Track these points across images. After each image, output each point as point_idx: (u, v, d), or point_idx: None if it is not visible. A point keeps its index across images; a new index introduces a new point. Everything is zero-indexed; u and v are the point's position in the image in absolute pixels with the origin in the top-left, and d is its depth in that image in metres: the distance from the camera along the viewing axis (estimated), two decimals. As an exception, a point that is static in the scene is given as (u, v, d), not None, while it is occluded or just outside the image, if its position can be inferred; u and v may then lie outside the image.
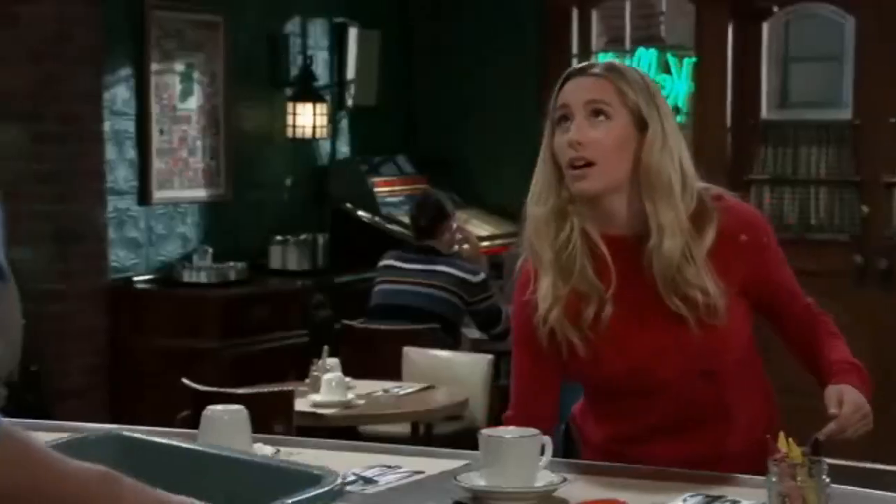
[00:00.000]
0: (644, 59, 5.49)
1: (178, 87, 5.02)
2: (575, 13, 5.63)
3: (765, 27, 5.34)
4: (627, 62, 5.44)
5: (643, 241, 1.82)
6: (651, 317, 1.82)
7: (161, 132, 4.95)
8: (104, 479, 1.09)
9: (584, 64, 1.90)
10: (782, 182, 5.32)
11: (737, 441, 1.86)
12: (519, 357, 1.92)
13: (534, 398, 1.89)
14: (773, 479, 1.43)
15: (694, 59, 5.44)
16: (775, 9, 5.32)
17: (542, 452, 1.66)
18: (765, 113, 5.36)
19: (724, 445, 1.86)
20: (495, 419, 3.64)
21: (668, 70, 5.49)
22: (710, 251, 1.81)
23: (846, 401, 1.74)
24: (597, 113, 1.81)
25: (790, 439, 1.47)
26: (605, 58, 5.44)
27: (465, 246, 4.54)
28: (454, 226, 4.49)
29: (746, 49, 5.31)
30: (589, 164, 1.80)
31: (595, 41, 5.66)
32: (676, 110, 5.43)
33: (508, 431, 1.67)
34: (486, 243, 5.05)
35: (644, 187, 1.81)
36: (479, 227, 5.33)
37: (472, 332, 4.53)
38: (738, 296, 1.83)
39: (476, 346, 4.47)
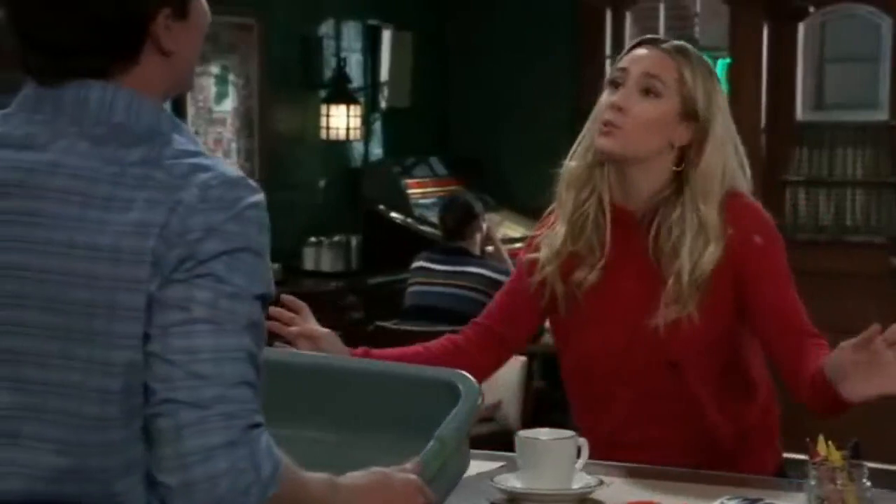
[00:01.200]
0: (678, 61, 5.47)
1: (214, 90, 5.05)
2: (608, 14, 5.61)
3: (800, 28, 5.30)
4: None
5: (650, 221, 1.83)
6: (630, 299, 1.83)
7: (197, 133, 4.97)
8: (332, 486, 1.18)
9: (658, 36, 1.91)
10: (818, 183, 5.28)
11: (708, 438, 1.83)
12: (508, 283, 1.99)
13: (501, 318, 1.93)
14: (813, 483, 1.42)
15: (728, 61, 5.40)
16: (811, 9, 5.28)
17: (579, 455, 1.65)
18: (800, 114, 5.32)
19: (695, 443, 1.83)
20: (529, 421, 3.63)
21: (702, 71, 5.47)
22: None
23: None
24: (648, 91, 1.82)
25: (830, 442, 1.46)
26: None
27: (489, 248, 4.54)
28: (485, 226, 4.49)
29: (782, 50, 5.27)
30: (617, 127, 1.81)
31: (628, 42, 5.63)
32: (710, 112, 5.40)
33: (544, 433, 1.67)
34: (518, 245, 5.04)
35: (693, 183, 1.81)
36: (511, 229, 5.32)
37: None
38: (727, 299, 1.80)
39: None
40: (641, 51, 1.86)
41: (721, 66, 5.43)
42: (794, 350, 1.76)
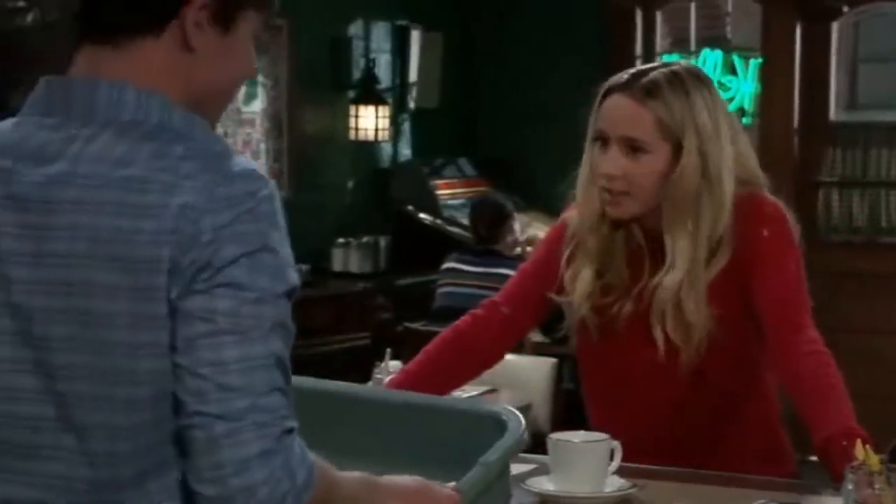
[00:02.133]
0: (709, 61, 5.44)
1: (243, 91, 5.06)
2: (639, 14, 5.59)
3: (834, 27, 5.26)
4: (692, 63, 5.39)
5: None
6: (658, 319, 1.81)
7: (226, 135, 5.00)
8: (367, 485, 1.19)
9: (625, 76, 1.81)
10: (851, 184, 5.24)
11: (726, 444, 1.82)
12: (530, 266, 1.97)
13: (522, 297, 1.92)
14: (850, 487, 1.41)
15: (760, 60, 5.37)
16: (845, 8, 5.23)
17: (612, 457, 1.65)
18: (833, 115, 5.28)
19: (712, 449, 1.82)
20: (559, 423, 3.62)
21: (733, 71, 5.43)
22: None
23: None
24: (635, 149, 1.78)
25: (867, 446, 1.45)
26: (669, 59, 5.39)
27: (529, 248, 4.52)
28: (516, 227, 4.48)
29: (814, 50, 5.23)
30: (623, 193, 1.79)
31: (659, 42, 5.61)
32: (742, 112, 5.37)
33: (577, 436, 1.66)
34: (546, 234, 5.03)
35: (666, 208, 1.78)
36: (540, 230, 5.31)
37: (535, 335, 4.52)
38: (743, 300, 1.78)
39: (538, 350, 4.45)
40: (613, 103, 1.79)
41: (753, 66, 5.40)
42: (793, 354, 1.74)
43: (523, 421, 1.38)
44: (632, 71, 1.83)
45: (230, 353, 1.07)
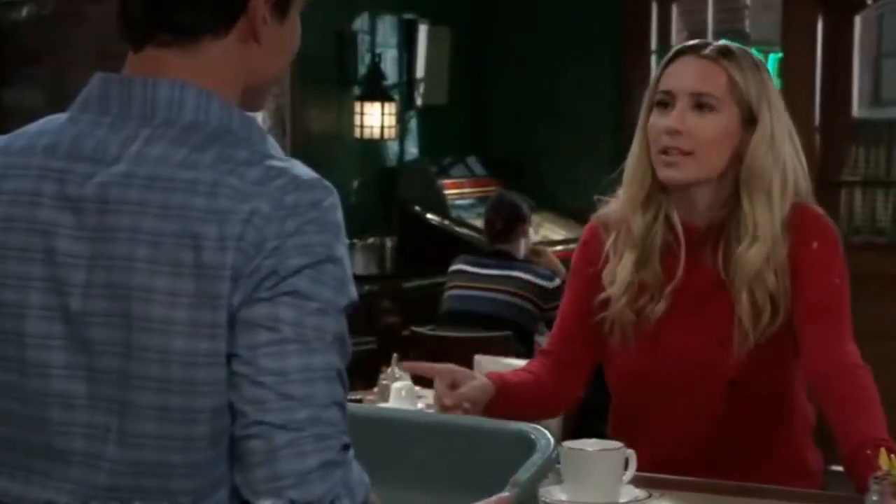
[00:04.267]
0: (727, 55, 5.43)
1: (244, 87, 5.07)
2: (654, 7, 5.58)
3: (857, 21, 5.25)
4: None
5: (718, 233, 1.80)
6: (693, 318, 1.81)
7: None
8: None
9: (695, 42, 1.84)
10: (875, 184, 5.23)
11: (754, 456, 1.82)
12: (569, 305, 1.93)
13: (572, 342, 1.91)
14: (875, 498, 1.41)
15: (780, 55, 5.36)
16: (868, 1, 5.23)
17: (626, 466, 1.64)
18: (856, 111, 5.27)
19: (739, 461, 1.81)
20: (571, 431, 3.62)
21: (752, 66, 5.43)
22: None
23: None
24: (702, 106, 1.78)
25: (892, 456, 1.44)
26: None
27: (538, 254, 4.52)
28: (531, 231, 4.47)
29: (837, 44, 5.22)
30: (685, 154, 1.78)
31: (675, 37, 5.61)
32: (761, 109, 5.36)
33: (590, 444, 1.66)
34: (559, 248, 5.03)
35: (745, 186, 1.78)
36: (552, 231, 5.31)
37: (546, 341, 4.51)
38: (781, 327, 1.79)
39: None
40: (682, 64, 1.80)
41: (772, 61, 5.39)
42: (831, 368, 1.74)
43: (552, 439, 1.38)
44: (699, 40, 1.84)
45: (293, 362, 1.07)
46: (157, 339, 1.07)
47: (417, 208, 5.50)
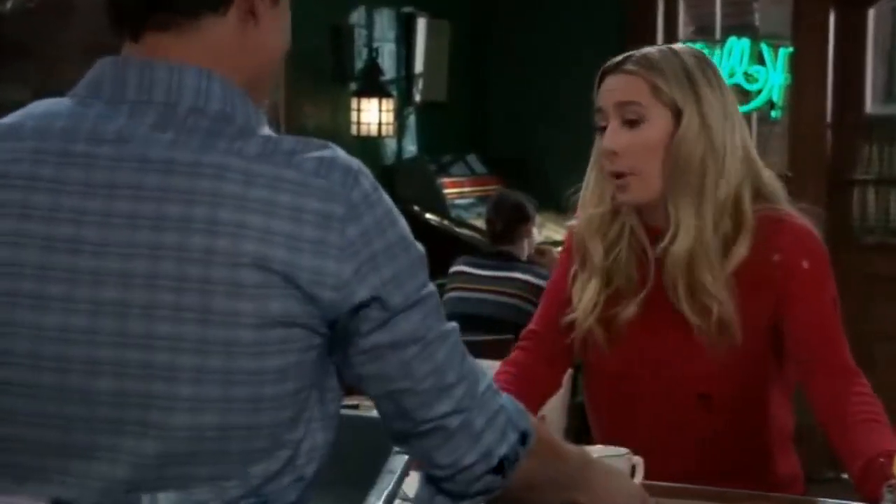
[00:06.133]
0: (735, 50, 5.43)
1: (237, 82, 5.07)
2: (660, 3, 5.59)
3: (870, 14, 5.25)
4: (717, 52, 5.39)
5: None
6: (664, 323, 1.82)
7: (219, 129, 5.01)
8: (584, 462, 1.35)
9: (618, 58, 1.86)
10: (889, 182, 5.23)
11: (729, 471, 1.82)
12: (546, 307, 1.98)
13: (551, 339, 1.94)
14: (888, 507, 1.41)
15: (791, 49, 5.37)
16: (882, -7, 5.24)
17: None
18: (869, 107, 5.27)
19: (715, 476, 1.81)
20: (574, 436, 3.61)
21: (761, 61, 5.43)
22: (740, 270, 1.78)
23: None
24: (631, 121, 1.80)
25: (906, 463, 1.44)
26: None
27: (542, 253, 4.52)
28: (534, 231, 4.46)
29: (849, 38, 5.23)
30: (627, 175, 1.80)
31: (682, 31, 5.61)
32: (770, 105, 5.36)
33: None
34: (558, 249, 5.03)
35: (668, 176, 1.79)
36: (554, 231, 5.31)
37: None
38: (765, 329, 1.79)
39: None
40: (608, 81, 1.84)
41: (783, 56, 5.39)
42: (834, 392, 1.73)
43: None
44: (624, 54, 1.87)
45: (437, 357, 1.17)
46: (216, 332, 1.08)
47: (416, 208, 5.50)
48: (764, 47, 5.43)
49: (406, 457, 1.36)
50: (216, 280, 1.07)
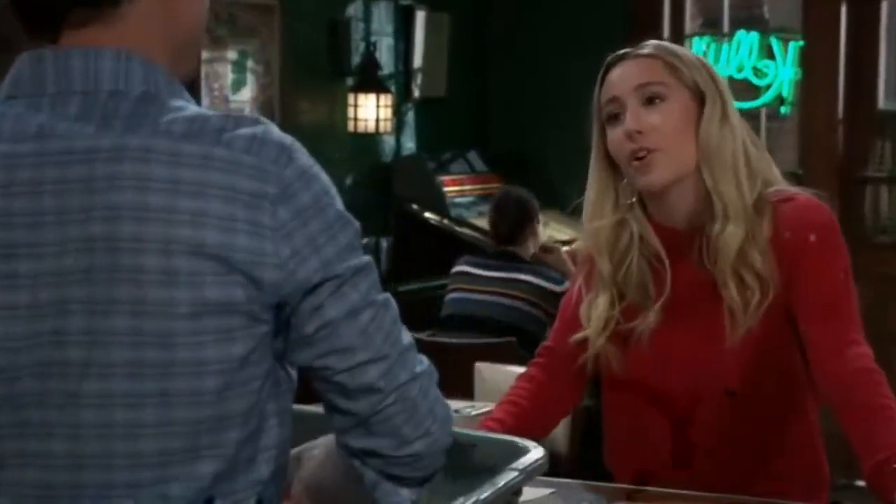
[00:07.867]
0: (744, 44, 5.43)
1: (230, 77, 5.07)
2: (666, -5, 5.59)
3: (883, 7, 5.25)
4: (725, 46, 5.39)
5: (700, 233, 1.81)
6: (683, 322, 1.81)
7: (211, 126, 5.01)
8: None
9: (624, 50, 1.88)
10: (902, 180, 5.23)
11: (755, 471, 1.82)
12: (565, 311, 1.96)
13: (566, 356, 1.93)
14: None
15: (801, 43, 5.36)
16: (895, -14, 5.23)
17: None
18: (882, 103, 5.27)
19: (741, 475, 1.81)
20: (578, 441, 3.61)
21: (771, 55, 5.42)
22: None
23: None
24: (651, 99, 1.80)
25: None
26: (700, 43, 5.39)
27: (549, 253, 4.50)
28: (540, 231, 4.44)
29: (861, 31, 5.22)
30: (653, 151, 1.79)
31: (689, 24, 5.61)
32: (780, 100, 5.36)
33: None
34: (564, 248, 5.02)
35: (704, 162, 1.79)
36: (557, 231, 5.30)
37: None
38: (781, 313, 1.78)
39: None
40: (619, 69, 1.85)
41: (793, 50, 5.39)
42: (839, 371, 1.72)
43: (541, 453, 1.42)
44: (626, 49, 1.89)
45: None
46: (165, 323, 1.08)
47: (415, 206, 5.50)
48: (773, 41, 5.43)
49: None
50: (148, 269, 1.07)
